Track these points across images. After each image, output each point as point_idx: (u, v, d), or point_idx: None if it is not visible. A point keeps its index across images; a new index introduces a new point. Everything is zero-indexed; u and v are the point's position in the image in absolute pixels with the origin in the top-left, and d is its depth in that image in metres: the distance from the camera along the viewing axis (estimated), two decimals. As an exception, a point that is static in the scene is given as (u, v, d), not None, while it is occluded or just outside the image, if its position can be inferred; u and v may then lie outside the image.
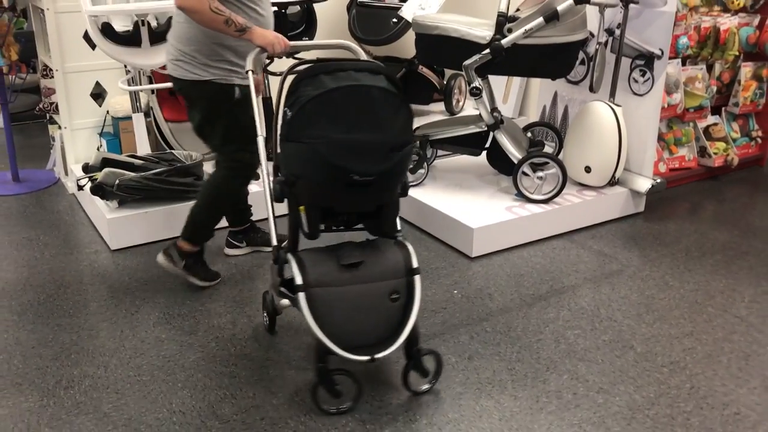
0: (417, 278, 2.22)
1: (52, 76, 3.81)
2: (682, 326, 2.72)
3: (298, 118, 2.06)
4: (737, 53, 4.11)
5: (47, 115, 4.20)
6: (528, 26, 3.22)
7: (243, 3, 2.56)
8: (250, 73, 2.47)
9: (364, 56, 2.58)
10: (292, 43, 2.59)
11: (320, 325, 2.13)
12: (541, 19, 3.19)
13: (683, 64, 4.00)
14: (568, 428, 2.16)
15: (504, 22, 3.26)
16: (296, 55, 3.22)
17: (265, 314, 2.63)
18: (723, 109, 4.36)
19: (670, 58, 3.77)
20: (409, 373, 2.29)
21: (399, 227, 2.34)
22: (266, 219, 2.41)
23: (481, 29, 3.33)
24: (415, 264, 2.23)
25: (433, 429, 2.15)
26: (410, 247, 2.27)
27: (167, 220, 3.37)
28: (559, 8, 3.17)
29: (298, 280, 2.15)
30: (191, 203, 2.88)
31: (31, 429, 2.14)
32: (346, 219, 2.28)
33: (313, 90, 2.04)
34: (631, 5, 3.50)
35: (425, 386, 2.32)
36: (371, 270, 2.19)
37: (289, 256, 2.23)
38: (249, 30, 2.51)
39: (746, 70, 4.24)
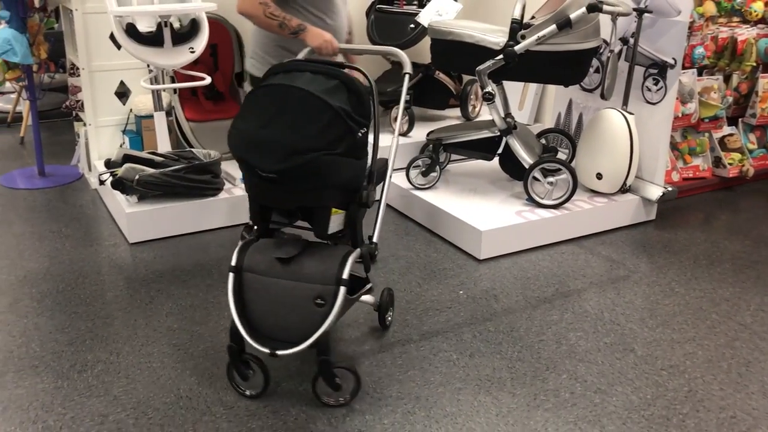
0: (342, 289, 2.16)
1: (79, 75, 3.94)
2: (685, 331, 2.74)
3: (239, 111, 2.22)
4: (755, 64, 4.11)
5: (73, 112, 4.34)
6: (541, 33, 3.26)
7: (309, 11, 2.79)
8: None
9: (408, 63, 2.60)
10: (342, 46, 2.77)
11: (240, 307, 2.22)
12: (554, 27, 3.24)
13: (700, 74, 4.01)
14: (563, 425, 2.20)
15: (518, 28, 3.31)
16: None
17: None
18: (740, 119, 4.35)
19: (686, 68, 3.80)
20: (317, 382, 2.27)
21: (365, 239, 2.35)
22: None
23: (495, 35, 3.39)
24: (344, 275, 2.17)
25: (431, 422, 2.20)
26: (351, 258, 2.22)
27: (184, 215, 3.47)
28: (572, 16, 3.22)
29: (232, 262, 2.25)
30: (209, 199, 2.96)
31: (45, 408, 2.23)
32: (286, 215, 2.35)
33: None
34: (645, 15, 3.53)
35: (331, 401, 2.27)
36: (302, 269, 2.20)
37: (240, 241, 2.35)
38: (303, 32, 2.71)
39: (764, 81, 4.24)
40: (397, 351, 2.57)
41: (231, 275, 2.24)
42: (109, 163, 3.57)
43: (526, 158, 3.57)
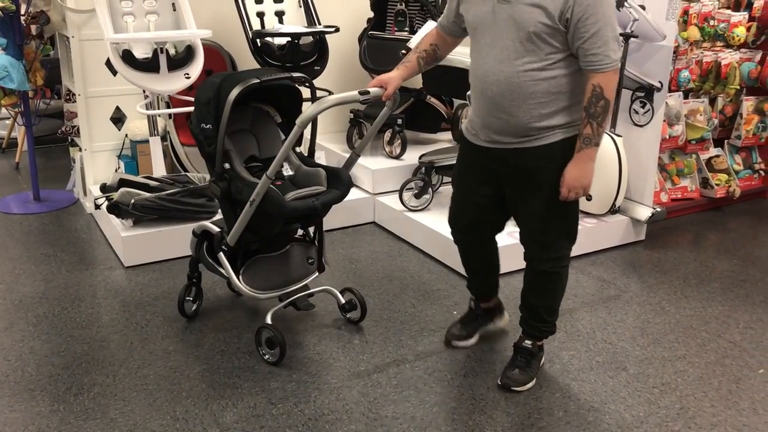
0: None
1: (75, 101, 3.99)
2: (676, 349, 2.78)
3: None
4: (738, 87, 4.20)
5: (69, 137, 4.38)
6: (530, 58, 3.33)
7: None
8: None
9: None
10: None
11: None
12: (542, 52, 3.31)
13: (685, 97, 4.10)
14: (557, 443, 2.22)
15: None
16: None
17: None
18: (726, 141, 4.44)
19: (671, 91, 3.88)
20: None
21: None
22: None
23: (484, 60, 3.46)
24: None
25: (426, 441, 2.22)
26: None
27: (180, 239, 3.49)
28: (560, 41, 3.29)
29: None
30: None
31: (41, 432, 2.24)
32: None
33: None
34: (631, 39, 3.62)
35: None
36: None
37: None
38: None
39: (748, 104, 4.33)
40: (392, 371, 2.59)
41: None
42: (104, 188, 3.60)
43: (517, 180, 3.62)
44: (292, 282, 2.73)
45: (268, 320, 2.66)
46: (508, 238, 3.45)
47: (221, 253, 2.67)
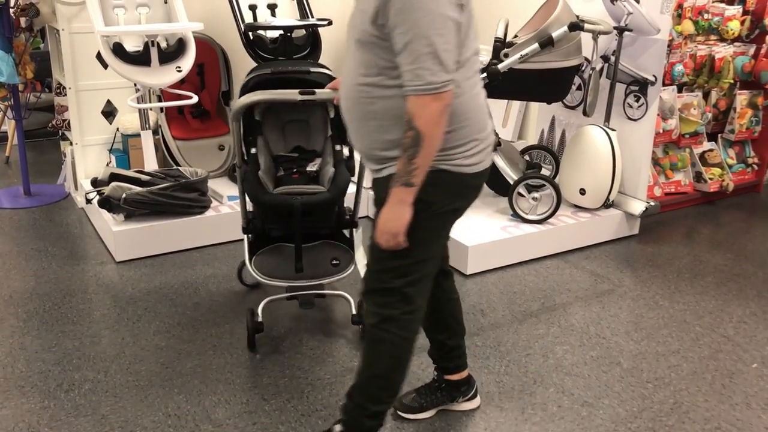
0: None
1: (66, 94, 3.95)
2: (669, 344, 2.78)
3: None
4: (732, 81, 4.20)
5: (60, 131, 4.34)
6: (524, 51, 3.32)
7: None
8: None
9: None
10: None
11: None
12: (536, 45, 3.30)
13: (679, 91, 4.09)
14: (551, 439, 2.22)
15: (501, 47, 3.37)
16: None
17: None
18: (719, 135, 4.43)
19: (665, 85, 3.87)
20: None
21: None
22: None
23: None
24: None
25: (420, 437, 2.22)
26: None
27: (171, 233, 3.47)
28: (554, 35, 3.28)
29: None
30: (196, 217, 2.99)
31: (32, 429, 2.22)
32: None
33: None
34: (625, 33, 3.61)
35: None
36: None
37: None
38: None
39: (742, 98, 4.33)
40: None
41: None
42: (95, 182, 3.57)
43: (510, 174, 3.61)
44: (302, 277, 2.72)
45: (260, 309, 2.71)
46: (501, 232, 3.45)
47: (245, 235, 2.76)
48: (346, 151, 2.83)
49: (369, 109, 1.77)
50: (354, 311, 2.79)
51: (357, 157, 2.05)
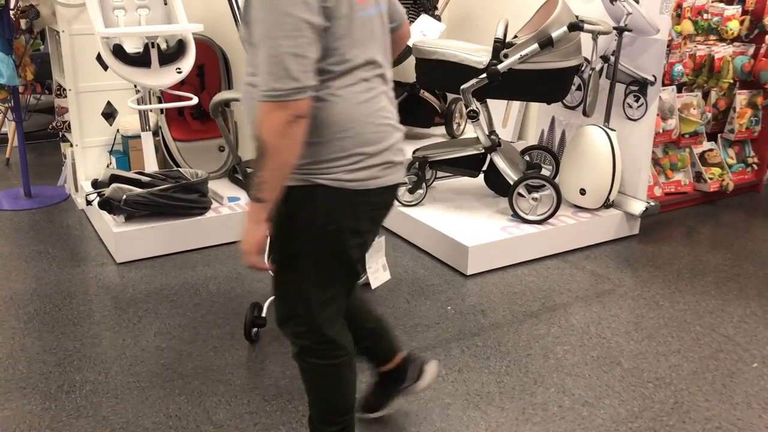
0: None
1: (66, 96, 3.95)
2: (670, 344, 2.78)
3: None
4: (732, 81, 4.20)
5: (60, 133, 4.35)
6: (523, 52, 3.32)
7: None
8: None
9: None
10: None
11: None
12: (536, 45, 3.30)
13: (679, 90, 4.09)
14: (552, 439, 2.22)
15: (500, 47, 3.37)
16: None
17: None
18: (719, 135, 4.44)
19: (665, 85, 3.87)
20: None
21: None
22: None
23: (478, 54, 3.44)
24: None
25: (421, 437, 2.22)
26: None
27: (172, 235, 3.47)
28: (554, 35, 3.28)
29: None
30: (197, 218, 2.95)
31: (33, 430, 2.22)
32: None
33: None
34: (625, 33, 3.61)
35: None
36: None
37: None
38: None
39: (741, 97, 4.33)
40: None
41: None
42: (96, 184, 3.57)
43: (510, 175, 3.62)
44: None
45: (266, 305, 2.74)
46: (502, 232, 3.45)
47: None
48: None
49: (252, 111, 1.66)
50: None
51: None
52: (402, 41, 1.95)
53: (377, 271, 2.69)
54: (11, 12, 3.87)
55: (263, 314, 2.72)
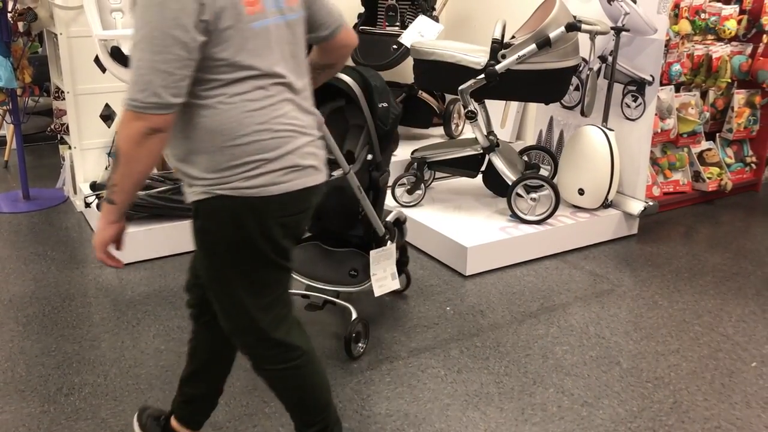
0: None
1: (64, 98, 3.95)
2: (669, 344, 2.78)
3: None
4: (730, 80, 4.20)
5: (58, 135, 4.34)
6: (521, 52, 3.33)
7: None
8: None
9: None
10: None
11: None
12: (533, 46, 3.30)
13: (677, 90, 4.10)
14: (551, 439, 2.22)
15: (498, 48, 3.37)
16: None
17: None
18: (717, 135, 4.44)
19: (663, 85, 3.88)
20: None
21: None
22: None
23: (476, 55, 3.45)
24: None
25: (420, 438, 2.22)
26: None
27: (170, 236, 3.47)
28: (552, 35, 3.28)
29: None
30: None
31: (32, 433, 2.22)
32: None
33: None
34: (623, 33, 3.61)
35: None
36: None
37: None
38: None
39: (739, 97, 4.33)
40: (385, 368, 2.58)
41: None
42: (94, 186, 3.57)
43: (509, 175, 3.62)
44: (316, 279, 2.74)
45: None
46: (500, 232, 3.45)
47: None
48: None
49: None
50: (347, 331, 2.63)
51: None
52: (345, 48, 1.91)
53: (383, 278, 2.66)
54: (9, 15, 3.87)
55: None
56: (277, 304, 1.78)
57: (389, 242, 2.69)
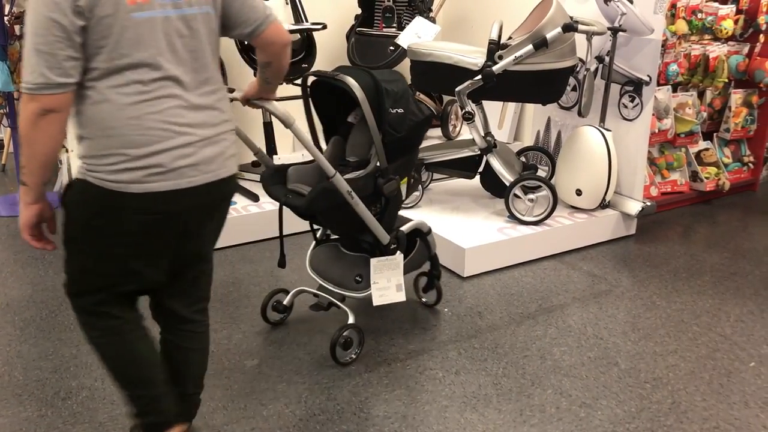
0: None
1: (61, 101, 3.94)
2: (667, 344, 2.78)
3: None
4: (727, 80, 4.21)
5: (55, 138, 4.34)
6: (518, 53, 3.32)
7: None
8: None
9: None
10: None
11: None
12: (530, 47, 3.30)
13: (674, 90, 4.10)
14: (549, 440, 2.22)
15: (495, 49, 3.37)
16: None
17: None
18: (714, 134, 4.44)
19: (660, 85, 3.88)
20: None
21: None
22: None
23: (473, 56, 3.44)
24: None
25: (418, 440, 2.21)
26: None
27: (168, 239, 3.46)
28: (548, 36, 3.28)
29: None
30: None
31: (29, 437, 2.22)
32: None
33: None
34: (619, 33, 3.61)
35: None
36: None
37: None
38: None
39: (736, 96, 4.34)
40: (383, 370, 2.58)
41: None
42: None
43: (506, 176, 3.62)
44: (326, 279, 2.75)
45: (289, 296, 2.88)
46: (498, 234, 3.45)
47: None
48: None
49: None
50: (338, 334, 2.60)
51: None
52: (274, 45, 1.88)
53: (386, 288, 2.60)
54: (5, 18, 3.86)
55: (285, 302, 2.85)
56: (101, 294, 1.82)
57: (397, 252, 2.65)
